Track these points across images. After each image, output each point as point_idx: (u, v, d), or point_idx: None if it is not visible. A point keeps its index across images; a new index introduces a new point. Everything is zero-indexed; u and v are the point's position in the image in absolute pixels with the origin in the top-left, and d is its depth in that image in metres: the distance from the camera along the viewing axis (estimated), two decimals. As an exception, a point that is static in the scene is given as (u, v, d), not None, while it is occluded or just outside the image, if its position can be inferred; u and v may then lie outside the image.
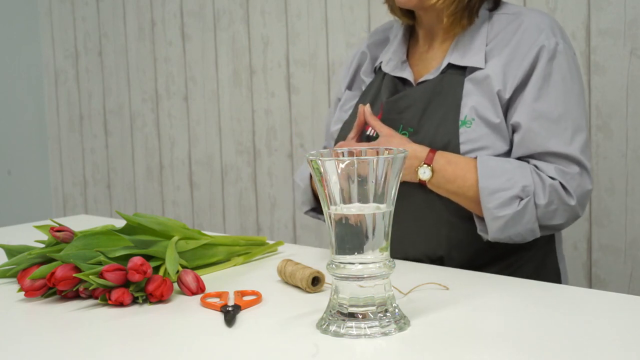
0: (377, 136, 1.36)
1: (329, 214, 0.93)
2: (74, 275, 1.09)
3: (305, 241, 2.58)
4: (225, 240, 1.33)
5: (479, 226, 1.31)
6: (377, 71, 1.49)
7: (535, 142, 1.29)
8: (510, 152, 1.32)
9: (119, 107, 3.21)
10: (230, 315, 1.00)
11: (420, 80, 1.39)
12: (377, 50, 1.53)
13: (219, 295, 1.11)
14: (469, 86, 1.33)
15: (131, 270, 1.08)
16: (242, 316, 1.02)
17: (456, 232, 1.33)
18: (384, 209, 0.92)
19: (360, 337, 0.91)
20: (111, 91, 3.23)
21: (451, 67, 1.36)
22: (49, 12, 3.47)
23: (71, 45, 3.40)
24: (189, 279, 1.14)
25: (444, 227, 1.33)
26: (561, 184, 1.28)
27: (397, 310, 0.95)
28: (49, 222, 1.28)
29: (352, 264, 0.92)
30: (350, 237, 0.93)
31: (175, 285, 1.16)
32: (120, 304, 1.08)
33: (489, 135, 1.30)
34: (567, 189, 1.28)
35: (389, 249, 0.95)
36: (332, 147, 1.44)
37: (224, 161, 2.81)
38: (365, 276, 0.92)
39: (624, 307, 1.02)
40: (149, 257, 1.16)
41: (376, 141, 1.32)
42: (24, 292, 1.13)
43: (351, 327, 0.92)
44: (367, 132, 1.40)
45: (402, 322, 0.94)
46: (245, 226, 2.78)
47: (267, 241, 1.41)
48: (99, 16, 3.25)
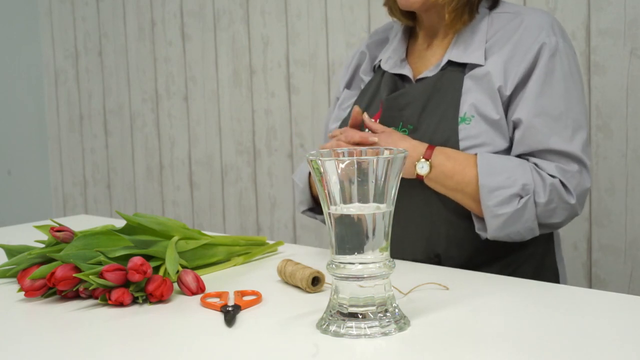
0: None
1: (329, 214, 0.93)
2: (74, 275, 1.09)
3: (305, 241, 2.58)
4: (225, 240, 1.33)
5: (477, 225, 1.31)
6: (376, 70, 1.50)
7: (536, 139, 1.29)
8: (509, 149, 1.32)
9: (119, 107, 3.21)
10: (230, 315, 1.00)
11: (419, 77, 1.39)
12: (376, 49, 1.53)
13: (219, 295, 1.11)
14: (469, 83, 1.33)
15: (131, 270, 1.08)
16: (242, 316, 1.02)
17: (455, 230, 1.33)
18: (384, 209, 0.92)
19: (360, 337, 0.91)
20: (111, 91, 3.23)
21: (451, 64, 1.37)
22: (49, 12, 3.47)
23: (71, 45, 3.39)
24: (189, 279, 1.14)
25: (442, 225, 1.33)
26: (561, 182, 1.28)
27: (397, 310, 0.95)
28: (49, 222, 1.28)
29: (352, 264, 0.92)
30: (350, 237, 0.93)
31: (175, 285, 1.16)
32: (120, 304, 1.08)
33: (488, 132, 1.30)
34: (567, 187, 1.28)
35: (389, 249, 0.95)
36: (329, 140, 1.43)
37: (224, 161, 2.81)
38: (365, 276, 0.92)
39: (624, 307, 1.02)
40: (149, 257, 1.16)
41: (376, 136, 1.30)
42: (24, 292, 1.13)
43: (351, 327, 0.92)
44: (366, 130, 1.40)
45: (402, 322, 0.94)
46: (245, 226, 2.77)
47: (267, 241, 1.41)
48: (99, 16, 3.25)
